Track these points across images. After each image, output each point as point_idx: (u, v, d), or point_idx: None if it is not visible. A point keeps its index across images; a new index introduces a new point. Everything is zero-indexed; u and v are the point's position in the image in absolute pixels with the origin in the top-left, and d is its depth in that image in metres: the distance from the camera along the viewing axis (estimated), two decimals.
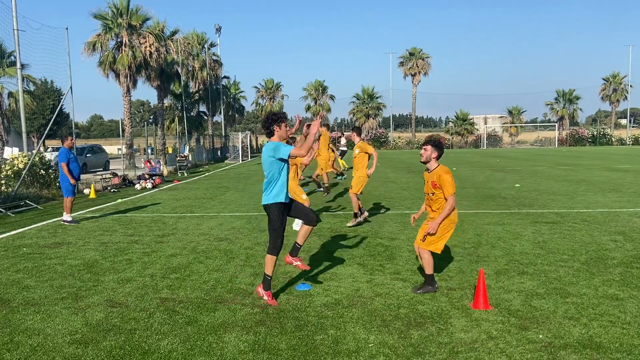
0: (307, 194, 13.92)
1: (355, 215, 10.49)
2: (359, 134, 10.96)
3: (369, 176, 10.80)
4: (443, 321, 5.15)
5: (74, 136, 13.03)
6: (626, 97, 69.01)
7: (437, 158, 5.98)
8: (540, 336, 4.75)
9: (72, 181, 11.36)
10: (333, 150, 17.14)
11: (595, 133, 64.57)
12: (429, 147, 5.94)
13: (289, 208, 5.89)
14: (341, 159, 26.18)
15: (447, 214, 5.82)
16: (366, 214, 10.71)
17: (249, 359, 4.39)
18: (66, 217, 11.41)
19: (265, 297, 5.76)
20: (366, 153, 10.61)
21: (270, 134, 5.83)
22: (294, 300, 5.87)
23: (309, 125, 5.95)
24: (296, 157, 5.73)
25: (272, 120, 5.79)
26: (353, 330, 4.96)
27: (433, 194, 5.94)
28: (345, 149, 27.08)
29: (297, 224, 10.06)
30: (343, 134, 30.85)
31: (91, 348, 4.64)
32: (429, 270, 6.04)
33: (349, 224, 10.40)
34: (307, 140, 5.60)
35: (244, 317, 5.34)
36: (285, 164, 5.74)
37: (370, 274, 6.85)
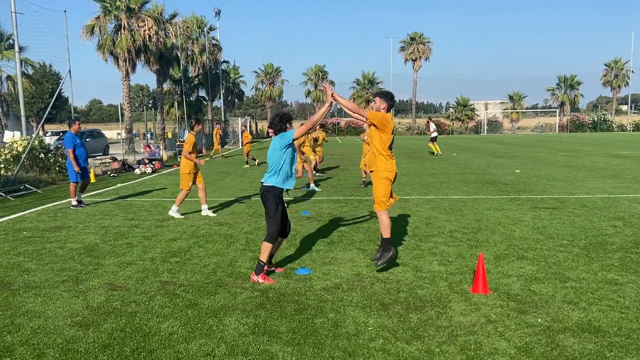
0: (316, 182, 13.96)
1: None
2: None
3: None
4: (442, 305, 5.17)
5: (80, 121, 13.08)
6: (627, 83, 68.79)
7: (387, 110, 6.30)
8: (539, 320, 4.77)
9: (77, 169, 11.37)
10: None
11: (596, 119, 64.42)
12: (377, 99, 6.33)
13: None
14: (434, 143, 26.07)
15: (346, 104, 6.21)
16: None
17: (249, 341, 4.41)
18: (73, 201, 11.49)
19: (261, 280, 5.87)
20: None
21: (279, 132, 6.13)
22: (294, 284, 5.89)
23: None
24: (300, 136, 6.07)
25: (286, 120, 6.17)
26: (353, 314, 4.98)
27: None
28: (435, 134, 26.51)
29: (204, 209, 10.17)
30: (431, 119, 30.26)
31: (92, 330, 4.67)
32: (386, 233, 6.06)
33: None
34: (316, 114, 6.13)
35: (244, 301, 5.36)
36: (290, 150, 6.05)
37: (369, 259, 6.86)
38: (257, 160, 22.37)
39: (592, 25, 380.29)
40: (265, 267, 6.08)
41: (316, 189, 13.60)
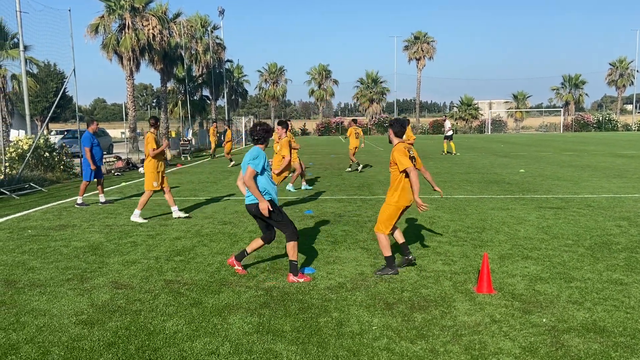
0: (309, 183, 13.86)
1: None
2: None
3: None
4: (447, 305, 5.16)
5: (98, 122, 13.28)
6: (632, 83, 68.45)
7: (395, 135, 6.19)
8: (544, 320, 4.76)
9: (93, 167, 11.52)
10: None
11: (600, 118, 64.17)
12: (390, 131, 6.24)
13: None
14: (450, 141, 26.00)
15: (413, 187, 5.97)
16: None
17: (254, 340, 4.42)
18: (79, 199, 11.59)
19: (302, 280, 5.92)
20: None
21: (259, 142, 6.11)
22: (298, 283, 5.88)
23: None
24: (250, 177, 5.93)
25: (269, 131, 6.14)
26: (357, 313, 4.98)
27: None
28: (450, 133, 26.27)
29: (175, 210, 9.90)
30: (447, 117, 29.95)
31: (97, 328, 4.68)
32: (386, 252, 6.13)
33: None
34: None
35: (249, 300, 5.37)
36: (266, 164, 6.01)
37: (373, 258, 6.86)
38: (234, 163, 21.90)
39: (597, 25, 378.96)
40: (238, 264, 6.15)
41: (293, 189, 13.60)
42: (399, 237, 6.42)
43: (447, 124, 27.12)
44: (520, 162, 20.72)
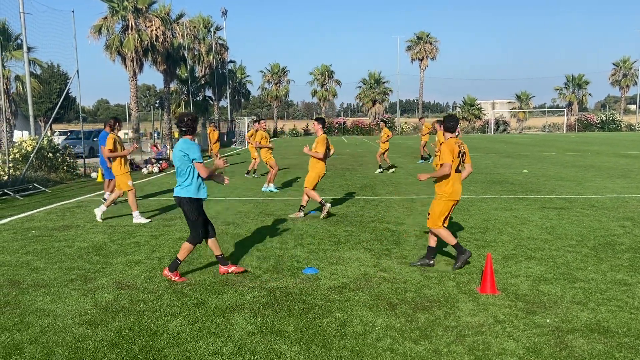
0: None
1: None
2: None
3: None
4: (450, 305, 5.16)
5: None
6: (636, 83, 68.30)
7: (446, 130, 6.43)
8: (548, 320, 4.75)
9: (110, 165, 11.57)
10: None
11: (604, 119, 64.01)
12: (438, 127, 6.41)
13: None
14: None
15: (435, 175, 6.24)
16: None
17: (257, 340, 4.42)
18: (106, 194, 11.71)
19: (175, 278, 5.97)
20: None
21: (188, 133, 6.11)
22: (301, 283, 5.89)
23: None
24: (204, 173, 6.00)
25: (195, 120, 6.18)
26: (360, 314, 4.98)
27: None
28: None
29: (99, 209, 9.75)
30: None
31: (101, 329, 4.69)
32: (450, 241, 6.28)
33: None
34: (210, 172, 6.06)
35: (252, 300, 5.37)
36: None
37: (377, 259, 6.86)
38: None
39: (600, 25, 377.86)
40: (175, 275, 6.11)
41: (274, 189, 13.60)
42: (432, 241, 6.46)
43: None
44: (524, 163, 20.68)
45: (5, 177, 14.26)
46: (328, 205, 9.63)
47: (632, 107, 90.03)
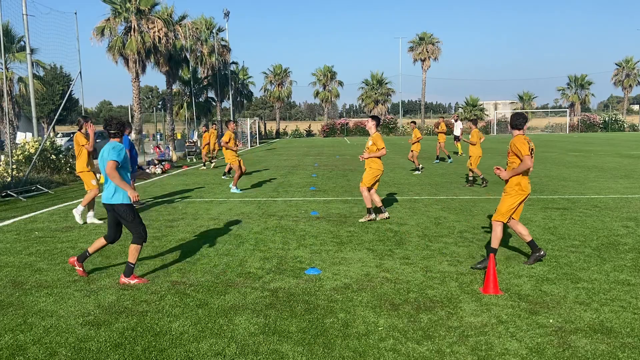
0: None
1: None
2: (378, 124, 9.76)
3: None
4: (453, 305, 5.15)
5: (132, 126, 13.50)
6: (639, 83, 68.09)
7: (515, 127, 6.58)
8: (551, 321, 4.74)
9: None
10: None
11: (607, 119, 63.87)
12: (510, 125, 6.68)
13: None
14: (458, 142, 25.72)
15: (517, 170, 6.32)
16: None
17: (260, 341, 4.42)
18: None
19: (133, 281, 5.96)
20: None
21: (116, 136, 6.12)
22: (304, 284, 5.89)
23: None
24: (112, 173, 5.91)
25: (124, 125, 6.22)
26: (363, 314, 4.97)
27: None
28: (459, 133, 25.70)
29: (77, 210, 9.70)
30: (458, 117, 28.94)
31: (103, 329, 4.70)
32: (495, 243, 6.28)
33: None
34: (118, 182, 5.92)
35: (254, 300, 5.37)
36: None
37: (379, 259, 6.85)
38: (215, 163, 21.33)
39: (603, 25, 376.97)
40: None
41: (237, 190, 13.71)
42: (525, 236, 6.47)
43: (459, 124, 26.70)
44: None
45: (9, 179, 14.30)
46: (373, 215, 9.39)
47: (635, 107, 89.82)
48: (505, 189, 6.47)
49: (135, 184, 11.95)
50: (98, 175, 15.15)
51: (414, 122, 20.68)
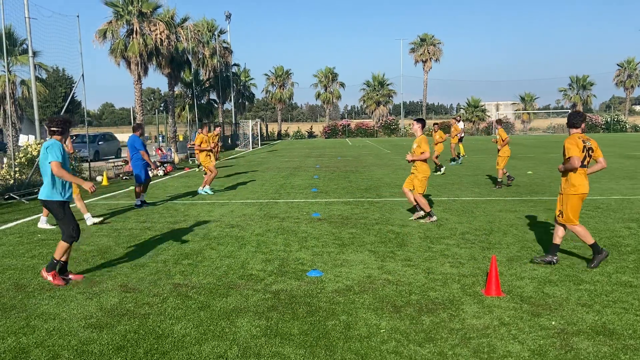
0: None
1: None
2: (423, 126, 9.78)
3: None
4: (455, 307, 5.15)
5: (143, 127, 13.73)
6: None
7: (571, 126, 6.67)
8: (553, 323, 4.73)
9: (153, 165, 12.15)
10: (217, 146, 17.40)
11: (609, 120, 63.75)
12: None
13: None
14: (460, 143, 25.55)
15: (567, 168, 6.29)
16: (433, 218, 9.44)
17: (261, 343, 4.42)
18: (137, 201, 11.94)
19: (50, 278, 6.06)
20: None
21: (57, 134, 6.28)
22: (306, 286, 5.89)
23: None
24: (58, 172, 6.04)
25: (66, 122, 6.36)
26: (364, 316, 4.98)
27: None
28: (462, 134, 25.49)
29: (42, 222, 9.59)
30: (460, 119, 28.55)
31: (106, 332, 4.71)
32: (588, 240, 6.33)
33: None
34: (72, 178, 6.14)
35: (256, 303, 5.38)
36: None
37: (381, 261, 6.85)
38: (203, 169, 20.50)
39: (605, 25, 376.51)
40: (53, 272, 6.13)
41: (209, 192, 13.82)
42: (558, 238, 6.50)
43: (461, 125, 26.58)
44: (528, 164, 20.62)
45: (11, 181, 14.34)
46: (435, 217, 9.34)
47: (637, 107, 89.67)
48: (562, 189, 6.47)
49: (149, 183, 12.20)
50: (100, 178, 15.03)
51: (437, 124, 20.53)
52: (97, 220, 9.85)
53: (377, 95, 67.33)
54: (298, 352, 4.24)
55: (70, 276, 6.31)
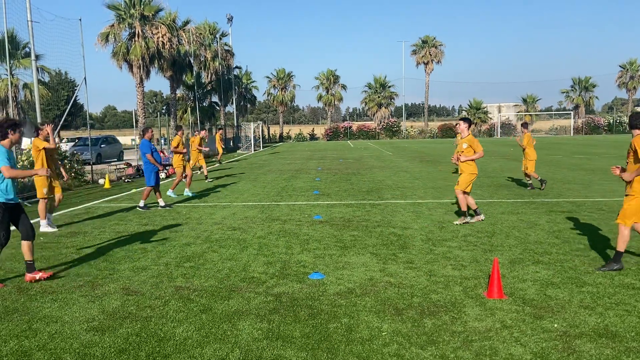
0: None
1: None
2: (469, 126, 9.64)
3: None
4: (457, 310, 5.14)
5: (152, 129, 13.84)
6: None
7: (634, 127, 6.74)
8: (555, 325, 4.72)
9: (161, 167, 12.10)
10: (200, 151, 18.09)
11: (611, 121, 63.66)
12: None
13: (15, 212, 6.56)
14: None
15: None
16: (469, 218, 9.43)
17: (263, 346, 4.42)
18: (141, 203, 12.02)
19: (37, 277, 6.23)
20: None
21: (2, 139, 6.31)
22: (307, 288, 5.89)
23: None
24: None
25: (9, 126, 6.33)
26: (366, 319, 4.97)
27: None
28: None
29: (43, 225, 9.55)
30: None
31: (108, 335, 4.71)
32: (621, 246, 6.23)
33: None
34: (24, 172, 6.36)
35: (258, 305, 5.38)
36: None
37: (383, 263, 6.85)
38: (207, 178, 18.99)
39: (607, 27, 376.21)
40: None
41: (173, 195, 13.99)
42: (621, 245, 6.33)
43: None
44: None
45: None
46: (469, 218, 9.30)
47: None
48: (629, 191, 6.31)
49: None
50: (102, 181, 15.03)
51: (525, 125, 20.33)
52: (50, 230, 9.51)
53: (379, 97, 67.39)
54: (300, 355, 4.24)
55: (38, 275, 6.37)
